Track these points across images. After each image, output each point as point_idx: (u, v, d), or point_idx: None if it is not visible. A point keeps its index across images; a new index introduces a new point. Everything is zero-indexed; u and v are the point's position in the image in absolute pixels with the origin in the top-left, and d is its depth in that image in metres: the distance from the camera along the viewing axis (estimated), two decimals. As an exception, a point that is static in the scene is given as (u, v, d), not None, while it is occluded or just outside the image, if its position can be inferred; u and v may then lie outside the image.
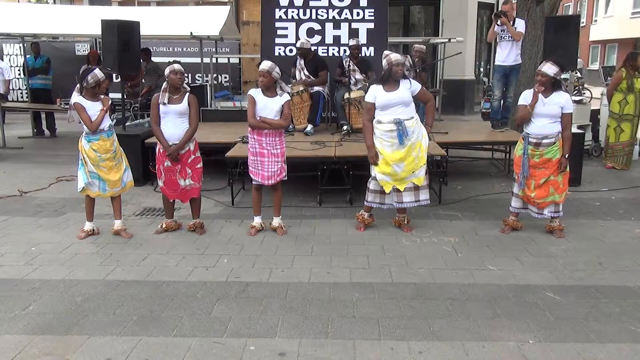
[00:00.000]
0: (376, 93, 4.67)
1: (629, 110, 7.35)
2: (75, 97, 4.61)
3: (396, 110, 4.62)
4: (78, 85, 4.65)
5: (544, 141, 4.61)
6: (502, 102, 7.65)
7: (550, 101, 4.56)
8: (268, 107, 4.65)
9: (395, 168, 4.70)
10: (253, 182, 4.86)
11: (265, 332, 3.20)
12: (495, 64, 7.82)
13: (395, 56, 4.64)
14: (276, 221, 4.96)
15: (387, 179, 4.77)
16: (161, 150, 4.75)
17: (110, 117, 4.75)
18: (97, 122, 4.59)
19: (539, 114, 4.59)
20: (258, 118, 4.64)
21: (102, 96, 4.75)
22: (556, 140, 4.61)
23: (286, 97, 4.75)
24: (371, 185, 4.91)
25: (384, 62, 4.67)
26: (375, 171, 4.81)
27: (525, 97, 4.70)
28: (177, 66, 4.70)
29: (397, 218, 5.05)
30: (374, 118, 4.72)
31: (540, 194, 4.69)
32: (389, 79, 4.64)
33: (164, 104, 4.65)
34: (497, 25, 7.36)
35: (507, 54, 7.44)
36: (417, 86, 4.75)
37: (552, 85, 4.57)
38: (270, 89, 4.68)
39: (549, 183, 4.67)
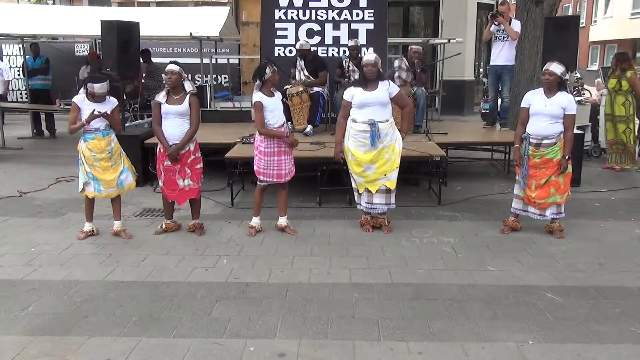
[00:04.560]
0: (354, 92, 4.73)
1: (607, 110, 7.50)
2: (76, 97, 4.61)
3: (372, 110, 4.65)
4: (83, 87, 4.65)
5: (544, 142, 4.60)
6: (498, 101, 7.73)
7: (553, 102, 4.55)
8: (278, 107, 4.72)
9: (365, 169, 4.73)
10: (262, 183, 4.85)
11: (265, 332, 3.20)
12: (489, 64, 7.91)
13: (365, 58, 4.71)
14: (283, 220, 4.95)
15: (360, 180, 4.81)
16: (162, 150, 4.74)
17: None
18: (77, 127, 4.56)
19: (540, 114, 4.59)
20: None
21: (114, 100, 4.74)
22: (557, 141, 4.60)
23: (279, 93, 4.84)
24: (353, 183, 4.96)
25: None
26: (350, 170, 4.89)
27: (527, 99, 4.70)
28: (169, 66, 4.68)
29: (378, 219, 5.00)
30: (350, 116, 4.77)
31: (541, 195, 4.69)
32: (365, 80, 4.69)
33: (160, 102, 4.65)
34: (494, 24, 7.41)
35: (497, 54, 7.55)
36: (394, 89, 4.77)
37: (558, 85, 4.57)
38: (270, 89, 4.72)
39: (549, 183, 4.67)
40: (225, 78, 12.64)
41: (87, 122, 4.53)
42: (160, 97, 4.68)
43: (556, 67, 4.53)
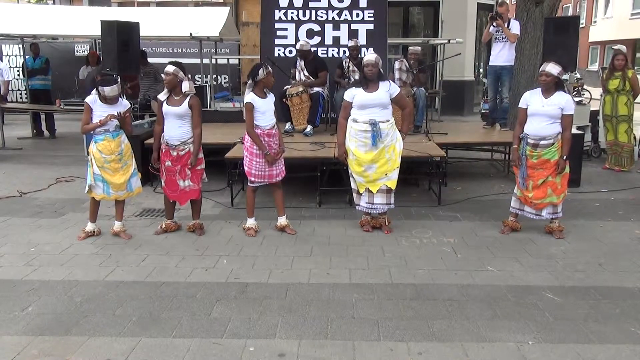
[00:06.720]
0: (355, 92, 4.73)
1: (607, 110, 7.50)
2: (88, 97, 4.61)
3: (373, 111, 4.65)
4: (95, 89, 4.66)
5: (542, 142, 4.60)
6: (497, 101, 7.75)
7: (551, 102, 4.55)
8: (269, 108, 4.70)
9: (366, 169, 4.74)
10: (254, 185, 4.85)
11: (265, 332, 3.20)
12: (489, 64, 7.92)
13: (366, 58, 4.71)
14: (283, 220, 4.95)
15: (361, 180, 4.81)
16: (163, 150, 4.75)
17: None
18: (90, 127, 4.58)
19: (538, 114, 4.59)
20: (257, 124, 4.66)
21: (126, 103, 4.75)
22: (555, 142, 4.60)
23: (272, 95, 4.81)
24: (352, 184, 4.96)
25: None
26: (350, 170, 4.89)
27: (525, 99, 4.70)
28: (167, 67, 4.67)
29: (378, 220, 4.99)
30: (350, 116, 4.77)
31: (538, 195, 4.69)
32: (366, 80, 4.69)
33: (161, 101, 4.65)
34: (493, 26, 7.44)
35: (497, 54, 7.58)
36: (395, 90, 4.77)
37: (555, 85, 4.57)
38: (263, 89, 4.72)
39: (546, 184, 4.66)
40: (225, 78, 12.66)
41: (101, 123, 4.54)
42: (162, 95, 4.69)
43: (553, 68, 4.53)
